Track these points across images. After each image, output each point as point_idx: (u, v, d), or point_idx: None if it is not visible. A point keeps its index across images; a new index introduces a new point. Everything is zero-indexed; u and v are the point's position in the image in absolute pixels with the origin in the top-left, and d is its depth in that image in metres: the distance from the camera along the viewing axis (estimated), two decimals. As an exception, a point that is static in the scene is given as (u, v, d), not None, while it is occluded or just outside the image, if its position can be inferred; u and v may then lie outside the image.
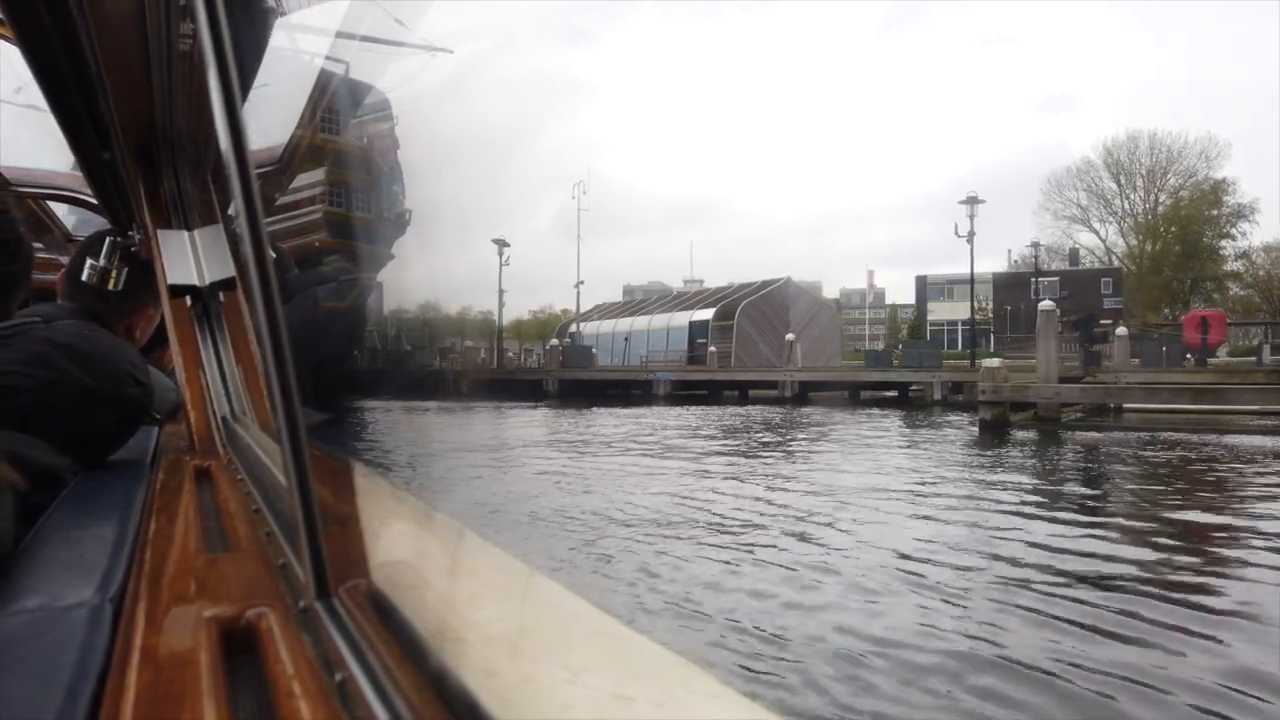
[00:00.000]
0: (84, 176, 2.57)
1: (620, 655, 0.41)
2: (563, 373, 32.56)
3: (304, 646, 0.51)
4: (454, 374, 36.09)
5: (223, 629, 0.56)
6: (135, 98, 1.66)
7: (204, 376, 1.61)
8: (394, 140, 26.92)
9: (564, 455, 13.10)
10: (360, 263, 25.68)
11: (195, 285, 1.69)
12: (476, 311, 52.25)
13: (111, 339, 1.35)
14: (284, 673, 0.48)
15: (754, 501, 8.44)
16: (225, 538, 0.84)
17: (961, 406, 22.41)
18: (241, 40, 1.18)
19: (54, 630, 0.55)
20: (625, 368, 38.65)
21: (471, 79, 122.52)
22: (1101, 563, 5.68)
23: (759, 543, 6.50)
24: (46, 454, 1.06)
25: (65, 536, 0.80)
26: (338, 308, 23.72)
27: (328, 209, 25.09)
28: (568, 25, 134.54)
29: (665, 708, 0.36)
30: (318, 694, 0.45)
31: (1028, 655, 3.97)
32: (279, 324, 0.51)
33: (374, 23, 15.31)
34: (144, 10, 1.36)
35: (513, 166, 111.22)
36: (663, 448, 13.99)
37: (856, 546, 6.32)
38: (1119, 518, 7.81)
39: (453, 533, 0.64)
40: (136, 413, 1.30)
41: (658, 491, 8.94)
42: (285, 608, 0.58)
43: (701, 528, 7.09)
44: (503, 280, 41.51)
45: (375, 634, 0.46)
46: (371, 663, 0.44)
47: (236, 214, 0.52)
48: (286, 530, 0.71)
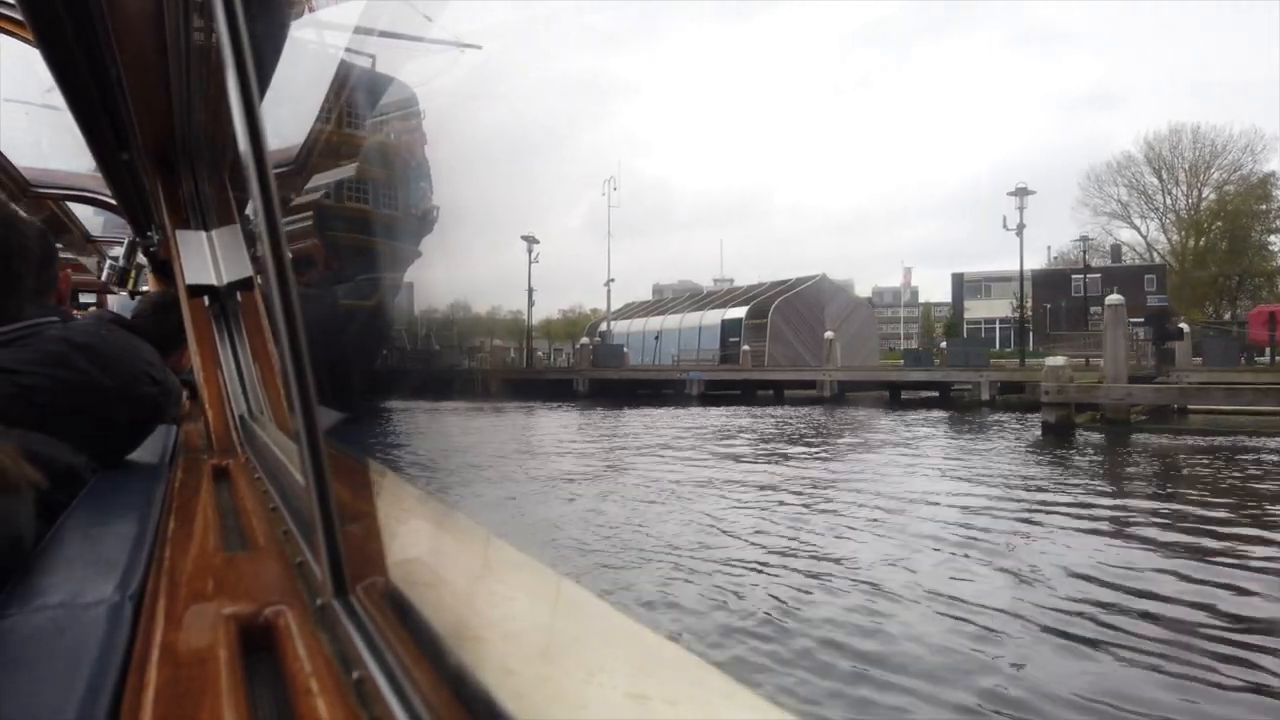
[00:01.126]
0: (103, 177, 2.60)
1: (636, 654, 0.41)
2: (593, 372, 31.66)
3: (321, 644, 0.51)
4: (482, 374, 35.60)
5: (241, 627, 0.56)
6: (154, 99, 1.67)
7: (222, 376, 1.62)
8: (421, 135, 26.42)
9: (598, 463, 11.84)
10: (386, 260, 25.18)
11: (213, 285, 1.70)
12: (506, 311, 51.89)
13: (128, 338, 1.36)
14: (302, 670, 0.49)
15: (899, 523, 7.32)
16: (243, 536, 0.84)
17: (1012, 407, 21.31)
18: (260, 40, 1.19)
19: (75, 627, 0.55)
20: (657, 367, 37.80)
21: (503, 76, 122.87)
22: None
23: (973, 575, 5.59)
24: (65, 453, 1.07)
25: (85, 535, 0.81)
26: (362, 306, 23.34)
27: (352, 206, 24.71)
28: (600, 23, 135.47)
29: (680, 707, 0.36)
30: (335, 691, 0.46)
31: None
32: (297, 324, 0.51)
33: (400, 19, 15.28)
34: (162, 11, 1.37)
35: (543, 165, 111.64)
36: (737, 457, 12.62)
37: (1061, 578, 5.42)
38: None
39: (469, 532, 0.64)
40: (153, 412, 1.31)
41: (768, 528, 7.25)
42: (303, 606, 0.58)
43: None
44: (532, 279, 40.75)
45: (392, 632, 0.46)
46: (389, 661, 0.44)
47: (255, 214, 0.53)
48: (304, 529, 0.71)
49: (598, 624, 0.45)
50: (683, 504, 8.41)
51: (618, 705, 0.35)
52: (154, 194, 1.98)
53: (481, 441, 16.00)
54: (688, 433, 16.93)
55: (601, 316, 48.93)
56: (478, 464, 12.05)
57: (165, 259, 1.82)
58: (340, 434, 10.13)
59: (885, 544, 6.51)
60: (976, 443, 15.33)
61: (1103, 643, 4.29)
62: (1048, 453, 13.24)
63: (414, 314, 36.18)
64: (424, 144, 26.49)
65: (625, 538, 6.88)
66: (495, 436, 17.26)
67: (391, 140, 25.68)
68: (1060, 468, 11.67)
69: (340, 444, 0.65)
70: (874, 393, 28.61)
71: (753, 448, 14.37)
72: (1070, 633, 4.42)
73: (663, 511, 8.00)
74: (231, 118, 0.52)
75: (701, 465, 11.66)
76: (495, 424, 21.00)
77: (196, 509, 1.02)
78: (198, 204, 1.87)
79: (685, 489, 9.29)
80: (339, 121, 22.88)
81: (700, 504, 8.36)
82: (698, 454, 13.17)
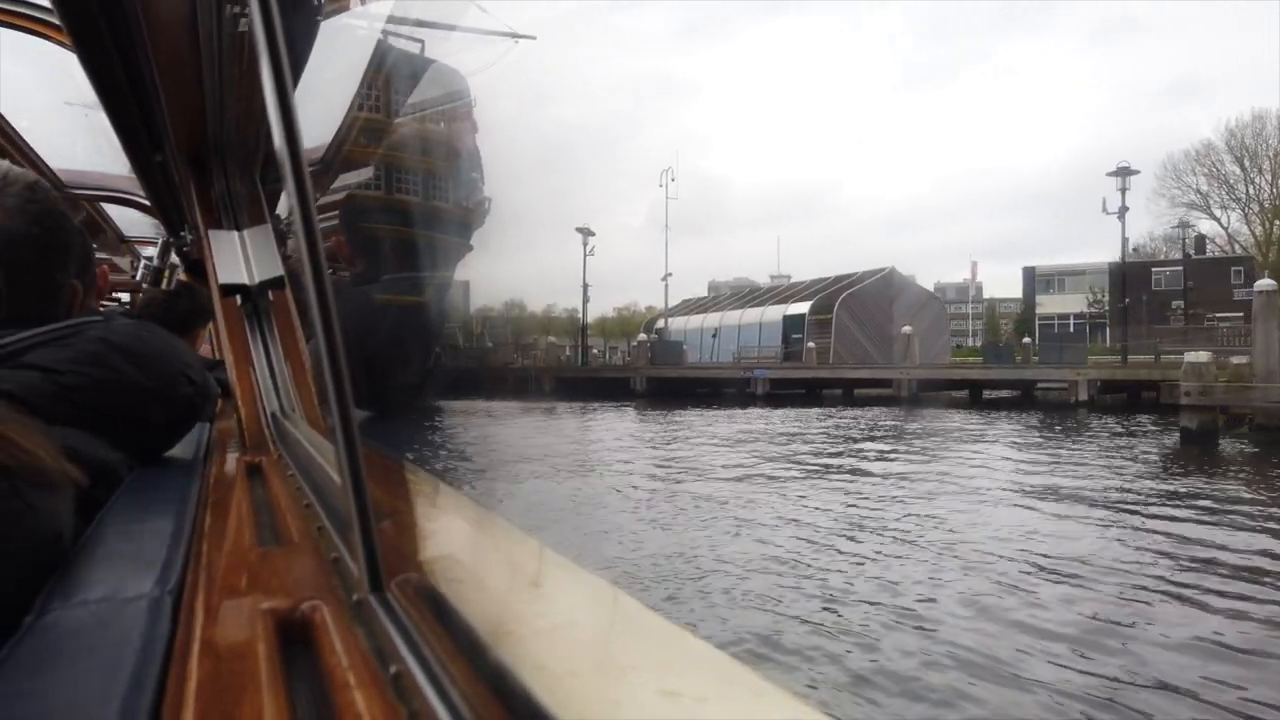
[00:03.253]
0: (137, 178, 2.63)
1: (667, 652, 0.41)
2: (651, 370, 30.38)
3: (358, 639, 0.52)
4: (536, 372, 34.29)
5: (278, 621, 0.57)
6: (188, 100, 1.69)
7: (254, 374, 1.64)
8: (472, 124, 25.23)
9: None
10: (435, 255, 23.97)
11: (245, 284, 1.72)
12: (562, 309, 51.01)
13: (167, 338, 1.38)
14: (339, 664, 0.49)
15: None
16: (277, 532, 0.86)
17: (1112, 409, 19.26)
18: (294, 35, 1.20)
19: (117, 621, 0.56)
20: (718, 365, 36.35)
21: (564, 73, 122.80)
22: None
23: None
24: (103, 450, 1.09)
25: (124, 531, 0.82)
26: (408, 302, 22.22)
27: (399, 198, 23.52)
28: (660, 21, 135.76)
29: (711, 704, 0.36)
30: (372, 685, 0.46)
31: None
32: (333, 322, 0.52)
33: (454, 10, 15.08)
34: (196, 11, 1.39)
35: (603, 164, 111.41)
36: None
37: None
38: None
39: (502, 529, 0.64)
40: (190, 411, 1.33)
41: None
42: (338, 601, 0.59)
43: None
44: (589, 277, 39.62)
45: (428, 628, 0.47)
46: (426, 655, 0.44)
47: (291, 212, 0.53)
48: (339, 525, 0.72)
49: (630, 622, 0.45)
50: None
51: (649, 703, 0.35)
52: (186, 194, 2.01)
53: (540, 448, 14.05)
54: (807, 446, 14.38)
55: (658, 314, 47.59)
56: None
57: (197, 258, 1.84)
58: (380, 434, 9.43)
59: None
60: (1112, 456, 13.00)
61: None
62: (1213, 468, 10.76)
63: (468, 311, 35.45)
64: (475, 133, 25.36)
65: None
66: (555, 444, 15.16)
67: (439, 130, 24.67)
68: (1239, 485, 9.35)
69: (376, 442, 0.66)
70: (949, 392, 26.71)
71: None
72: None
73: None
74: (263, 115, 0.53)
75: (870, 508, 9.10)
76: (549, 425, 19.61)
77: (231, 505, 1.03)
78: (229, 203, 1.89)
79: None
80: (384, 111, 22.39)
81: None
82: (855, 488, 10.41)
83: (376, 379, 17.62)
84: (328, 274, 0.53)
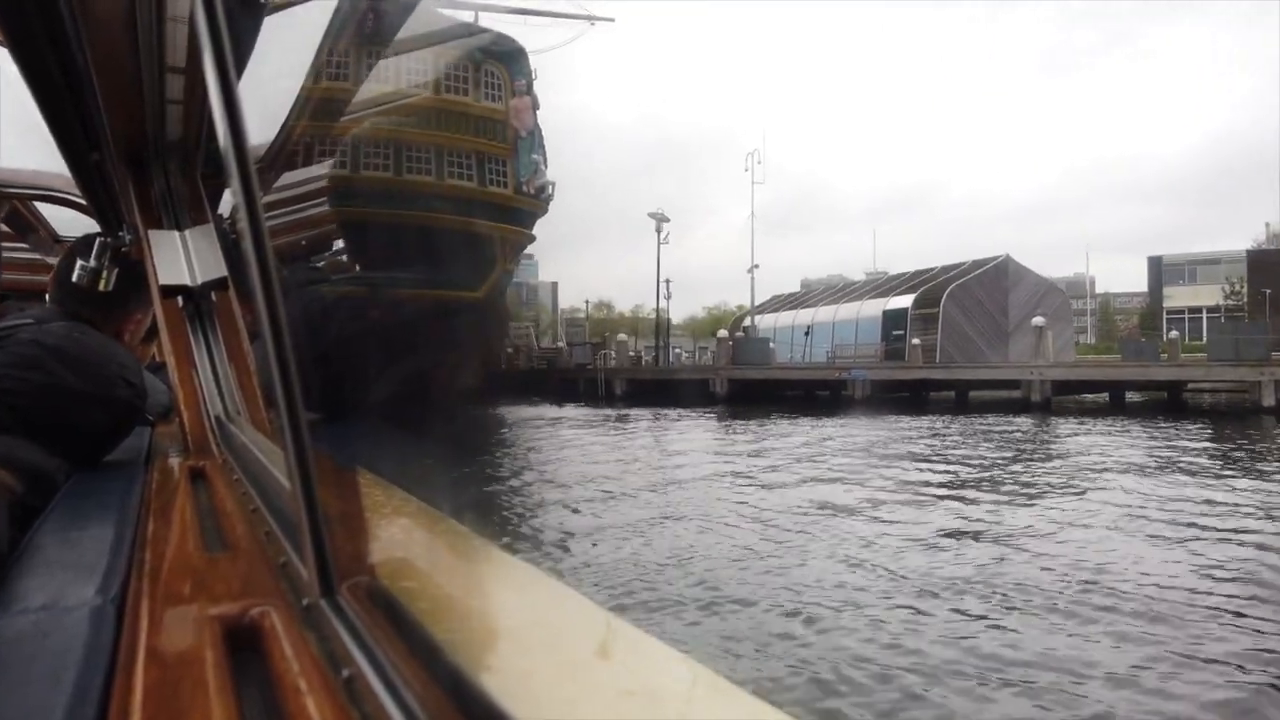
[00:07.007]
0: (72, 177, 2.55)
1: (625, 652, 0.41)
2: (733, 371, 26.61)
3: (309, 644, 0.51)
4: (607, 374, 30.48)
5: (226, 627, 0.56)
6: (125, 98, 1.65)
7: (197, 377, 1.60)
8: (533, 100, 22.25)
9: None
10: (492, 245, 21.31)
11: (187, 285, 1.68)
12: (649, 309, 45.91)
13: (103, 340, 1.35)
14: (290, 670, 0.49)
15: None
16: (223, 537, 0.84)
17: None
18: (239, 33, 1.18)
19: (58, 631, 0.55)
20: (809, 365, 31.95)
21: (662, 72, 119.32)
22: None
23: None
24: (39, 456, 1.06)
25: (63, 538, 0.80)
26: (461, 298, 19.58)
27: (450, 184, 20.74)
28: (763, 14, 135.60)
29: (669, 703, 0.36)
30: (325, 690, 0.46)
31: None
32: (281, 323, 0.51)
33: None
34: (134, 7, 1.35)
35: (702, 163, 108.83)
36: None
37: None
38: None
39: (454, 532, 0.64)
40: (129, 414, 1.29)
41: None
42: (288, 606, 0.58)
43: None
44: (673, 275, 36.33)
45: (380, 630, 0.46)
46: (379, 658, 0.44)
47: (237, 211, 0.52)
48: (287, 529, 0.71)
49: (586, 622, 0.45)
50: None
51: (608, 703, 0.35)
52: (125, 194, 1.95)
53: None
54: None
55: (746, 311, 42.23)
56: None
57: (137, 259, 1.79)
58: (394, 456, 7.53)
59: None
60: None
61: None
62: None
63: (554, 312, 32.78)
64: (536, 109, 22.28)
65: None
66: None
67: (498, 105, 21.64)
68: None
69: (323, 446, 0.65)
70: (1081, 396, 22.78)
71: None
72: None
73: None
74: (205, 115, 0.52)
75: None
76: (603, 442, 14.95)
77: (174, 510, 1.01)
78: (170, 203, 1.85)
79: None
80: (436, 86, 20.45)
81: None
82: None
83: (422, 383, 16.05)
84: (276, 272, 0.52)
